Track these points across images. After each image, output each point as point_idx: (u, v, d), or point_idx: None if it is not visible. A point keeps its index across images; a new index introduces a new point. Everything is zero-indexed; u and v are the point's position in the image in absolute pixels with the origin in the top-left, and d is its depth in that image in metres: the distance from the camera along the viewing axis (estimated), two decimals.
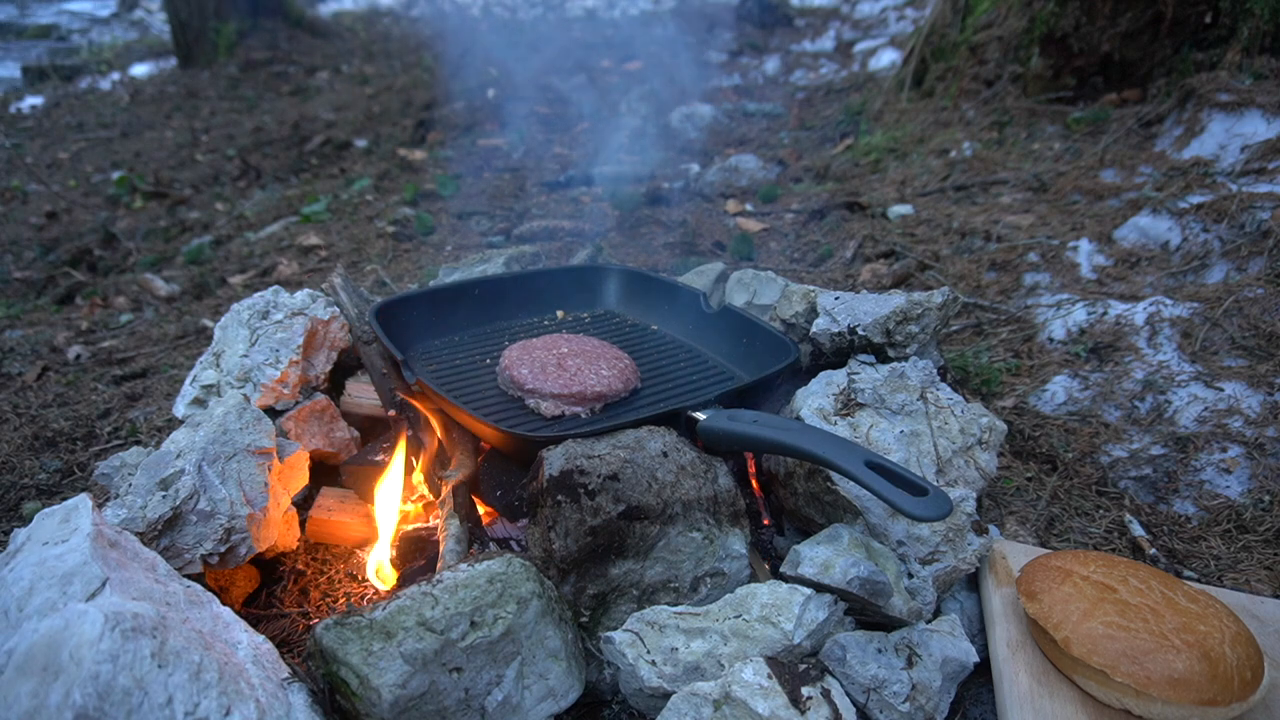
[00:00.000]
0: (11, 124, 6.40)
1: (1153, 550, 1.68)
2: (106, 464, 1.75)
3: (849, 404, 1.55)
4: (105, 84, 7.57)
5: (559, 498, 1.32)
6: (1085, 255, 2.73)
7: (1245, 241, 2.52)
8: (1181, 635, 1.18)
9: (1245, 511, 1.76)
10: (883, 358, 1.67)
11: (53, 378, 2.67)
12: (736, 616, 1.28)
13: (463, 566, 1.28)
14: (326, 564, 1.71)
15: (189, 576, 1.33)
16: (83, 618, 0.99)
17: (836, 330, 1.67)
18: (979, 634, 1.44)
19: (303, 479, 1.72)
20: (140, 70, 7.99)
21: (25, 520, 1.85)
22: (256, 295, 1.98)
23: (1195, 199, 2.74)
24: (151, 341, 2.91)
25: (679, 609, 1.32)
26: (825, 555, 1.33)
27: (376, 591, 1.61)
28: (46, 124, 6.38)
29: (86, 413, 2.33)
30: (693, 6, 9.43)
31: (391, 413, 1.85)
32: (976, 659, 1.30)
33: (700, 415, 1.48)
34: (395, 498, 1.67)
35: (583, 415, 1.64)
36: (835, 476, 1.44)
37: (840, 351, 1.71)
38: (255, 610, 1.58)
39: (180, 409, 1.82)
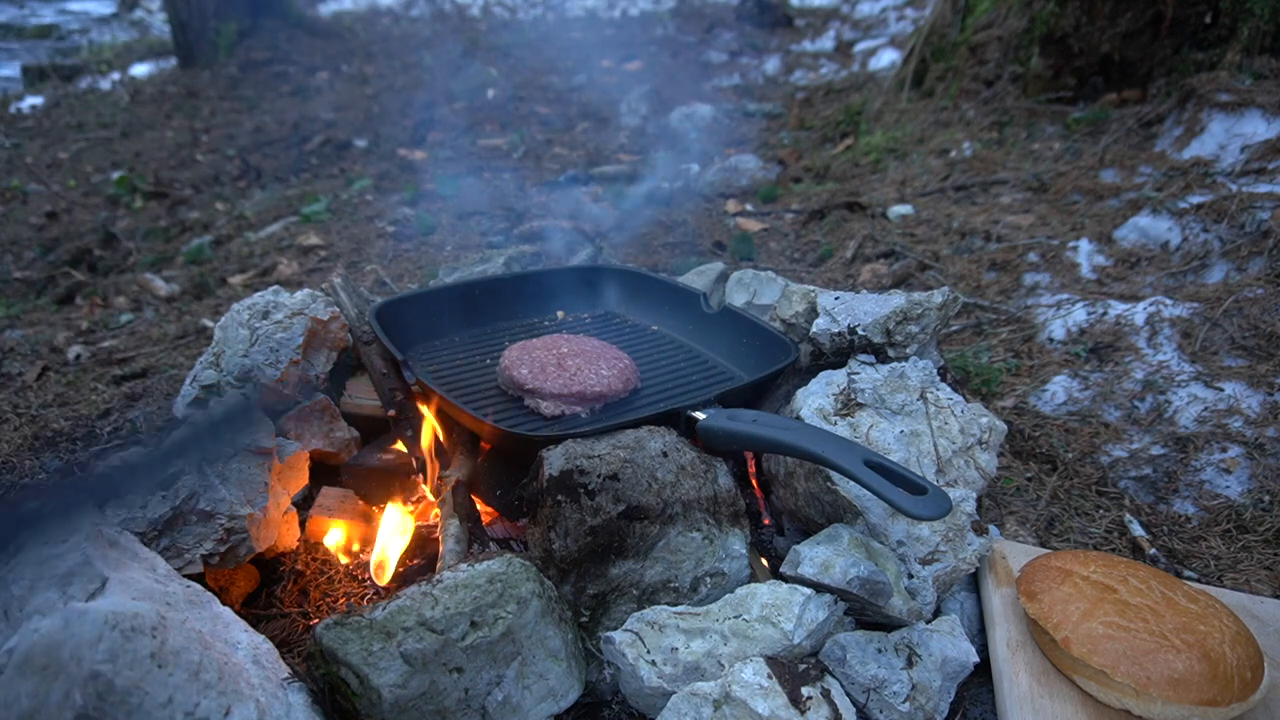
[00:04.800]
0: (11, 124, 6.39)
1: (1153, 550, 1.68)
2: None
3: (849, 404, 1.55)
4: (105, 84, 7.56)
5: (559, 498, 1.32)
6: (1085, 255, 2.73)
7: (1245, 241, 2.52)
8: (1181, 635, 1.18)
9: (1245, 511, 1.76)
10: (883, 358, 1.67)
11: (53, 378, 2.66)
12: (736, 616, 1.28)
13: (463, 566, 1.28)
14: (326, 564, 1.71)
15: (189, 576, 1.33)
16: (82, 618, 0.99)
17: (836, 330, 1.67)
18: (979, 634, 1.44)
19: (303, 479, 1.71)
20: (140, 70, 7.97)
21: None
22: (256, 295, 1.97)
23: (1195, 199, 2.74)
24: (151, 341, 2.91)
25: (679, 609, 1.32)
26: (825, 555, 1.33)
27: (376, 591, 1.61)
28: (46, 124, 6.37)
29: (86, 413, 2.33)
30: (693, 6, 9.43)
31: (391, 413, 1.85)
32: (976, 659, 1.30)
33: (700, 415, 1.48)
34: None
35: (583, 415, 1.64)
36: (835, 476, 1.44)
37: (840, 351, 1.71)
38: (255, 610, 1.58)
39: (180, 409, 1.82)
